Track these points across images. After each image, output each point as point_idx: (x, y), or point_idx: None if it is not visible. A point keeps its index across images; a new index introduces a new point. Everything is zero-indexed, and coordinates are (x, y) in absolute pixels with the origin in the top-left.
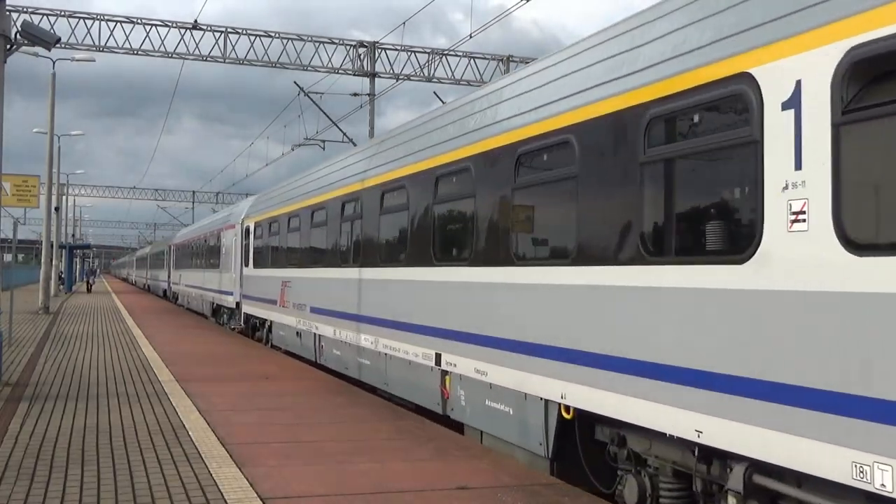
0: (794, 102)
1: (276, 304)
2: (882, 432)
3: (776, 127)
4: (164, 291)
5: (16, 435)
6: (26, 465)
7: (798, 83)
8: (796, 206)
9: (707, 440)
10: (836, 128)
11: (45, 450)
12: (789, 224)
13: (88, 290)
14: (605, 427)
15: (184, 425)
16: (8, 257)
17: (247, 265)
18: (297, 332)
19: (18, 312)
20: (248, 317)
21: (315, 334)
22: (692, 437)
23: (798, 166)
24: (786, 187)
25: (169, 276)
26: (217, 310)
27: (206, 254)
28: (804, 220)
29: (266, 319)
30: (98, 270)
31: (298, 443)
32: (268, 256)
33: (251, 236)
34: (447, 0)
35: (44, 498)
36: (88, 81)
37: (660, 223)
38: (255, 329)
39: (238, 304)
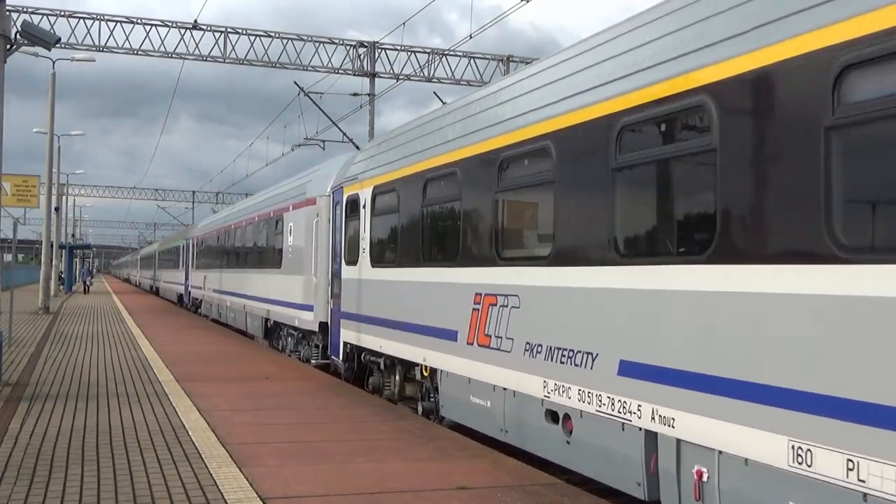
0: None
1: (456, 337)
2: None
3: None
4: (180, 297)
5: (16, 435)
6: (26, 465)
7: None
8: None
9: None
10: None
11: (45, 450)
12: None
13: (86, 292)
14: None
15: (184, 425)
16: (8, 257)
17: (352, 262)
18: (551, 414)
19: (18, 312)
20: (352, 350)
21: (656, 435)
22: None
23: None
24: None
25: (187, 279)
26: (273, 329)
27: (255, 248)
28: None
29: (415, 363)
30: (95, 270)
31: (298, 443)
32: (422, 244)
33: (363, 212)
34: (443, 0)
35: (44, 498)
36: (88, 81)
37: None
38: (368, 372)
39: (323, 326)
